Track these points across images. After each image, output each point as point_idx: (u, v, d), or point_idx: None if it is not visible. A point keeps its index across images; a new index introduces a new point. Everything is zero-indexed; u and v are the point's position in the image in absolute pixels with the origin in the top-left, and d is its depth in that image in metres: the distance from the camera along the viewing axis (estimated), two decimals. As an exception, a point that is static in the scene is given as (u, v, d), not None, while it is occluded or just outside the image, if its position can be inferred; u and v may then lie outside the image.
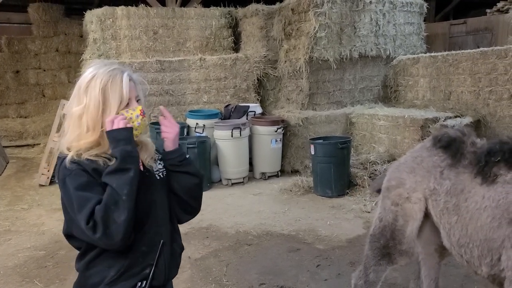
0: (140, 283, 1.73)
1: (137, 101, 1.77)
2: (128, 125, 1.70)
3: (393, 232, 2.62)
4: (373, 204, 5.73)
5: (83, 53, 8.52)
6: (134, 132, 1.74)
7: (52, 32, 11.65)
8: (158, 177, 1.86)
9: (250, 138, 7.41)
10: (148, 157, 1.84)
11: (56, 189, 7.10)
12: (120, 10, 8.35)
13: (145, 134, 1.91)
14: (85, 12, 8.61)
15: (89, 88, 1.69)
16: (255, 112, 7.89)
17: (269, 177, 7.48)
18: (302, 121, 7.39)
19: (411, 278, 3.15)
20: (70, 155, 1.67)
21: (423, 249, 2.87)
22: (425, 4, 8.68)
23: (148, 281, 1.74)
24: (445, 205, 2.42)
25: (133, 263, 1.73)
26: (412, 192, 2.58)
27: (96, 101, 1.68)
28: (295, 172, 7.53)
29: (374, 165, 6.67)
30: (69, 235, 1.76)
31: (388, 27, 8.18)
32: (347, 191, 6.40)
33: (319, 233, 5.02)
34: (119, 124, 1.66)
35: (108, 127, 1.67)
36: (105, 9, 8.30)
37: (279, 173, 7.58)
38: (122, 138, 1.66)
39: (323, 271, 4.09)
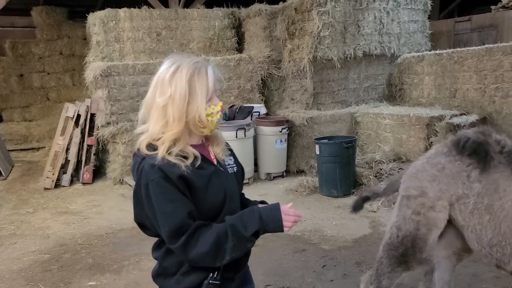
0: (212, 274, 1.72)
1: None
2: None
3: (414, 241, 2.55)
4: (379, 204, 5.68)
5: (86, 56, 8.52)
6: (211, 128, 1.75)
7: (55, 35, 11.67)
8: (231, 171, 1.87)
9: (255, 139, 7.37)
10: (220, 151, 1.83)
11: (61, 192, 7.12)
12: (122, 12, 8.31)
13: None
14: (88, 14, 8.61)
15: (174, 78, 1.66)
16: (259, 112, 7.86)
17: (274, 177, 7.44)
18: (306, 121, 7.35)
19: (418, 278, 3.10)
20: (160, 155, 1.64)
21: (440, 252, 2.81)
22: (429, 2, 8.62)
23: (220, 272, 1.73)
24: (475, 206, 2.36)
25: None
26: (436, 200, 2.50)
27: (182, 91, 1.65)
28: (300, 172, 7.50)
29: (379, 164, 6.62)
30: (141, 225, 1.80)
31: (392, 25, 8.13)
32: (353, 190, 6.35)
33: (325, 234, 4.98)
34: (288, 222, 1.70)
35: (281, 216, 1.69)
36: (108, 11, 8.26)
37: (284, 174, 7.55)
38: (272, 227, 1.68)
39: (329, 272, 4.06)
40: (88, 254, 4.70)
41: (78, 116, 7.59)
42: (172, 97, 1.65)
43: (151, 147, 1.68)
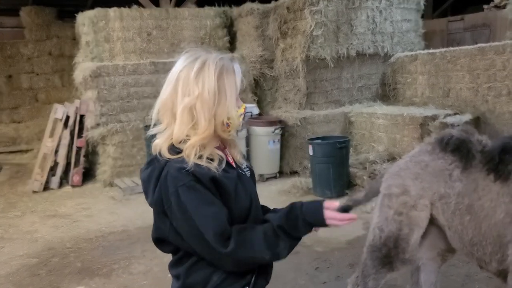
0: (246, 285, 1.62)
1: None
2: None
3: (397, 242, 2.52)
4: (373, 205, 5.62)
5: (76, 56, 8.40)
6: (231, 131, 1.64)
7: (44, 35, 11.47)
8: (248, 175, 1.74)
9: (248, 140, 7.30)
10: (238, 154, 1.72)
11: (49, 195, 7.01)
12: (112, 11, 8.19)
13: None
14: (78, 14, 8.48)
15: (201, 76, 1.52)
16: (252, 113, 7.76)
17: (267, 179, 7.38)
18: (300, 121, 7.30)
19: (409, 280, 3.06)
20: (191, 159, 1.49)
21: (425, 254, 2.78)
22: (422, 1, 8.61)
23: (253, 282, 1.64)
24: (457, 207, 2.34)
25: None
26: (418, 199, 2.47)
27: (211, 90, 1.52)
28: (293, 173, 7.44)
29: (373, 165, 6.57)
30: (160, 240, 1.63)
31: (385, 24, 8.10)
32: (347, 191, 6.31)
33: (318, 235, 4.87)
34: (340, 220, 1.66)
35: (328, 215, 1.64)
36: (98, 11, 8.13)
37: (278, 175, 7.49)
38: (319, 223, 1.65)
39: (322, 274, 4.01)
40: (77, 258, 4.60)
41: (67, 117, 7.48)
42: (201, 97, 1.51)
43: (174, 150, 1.53)
